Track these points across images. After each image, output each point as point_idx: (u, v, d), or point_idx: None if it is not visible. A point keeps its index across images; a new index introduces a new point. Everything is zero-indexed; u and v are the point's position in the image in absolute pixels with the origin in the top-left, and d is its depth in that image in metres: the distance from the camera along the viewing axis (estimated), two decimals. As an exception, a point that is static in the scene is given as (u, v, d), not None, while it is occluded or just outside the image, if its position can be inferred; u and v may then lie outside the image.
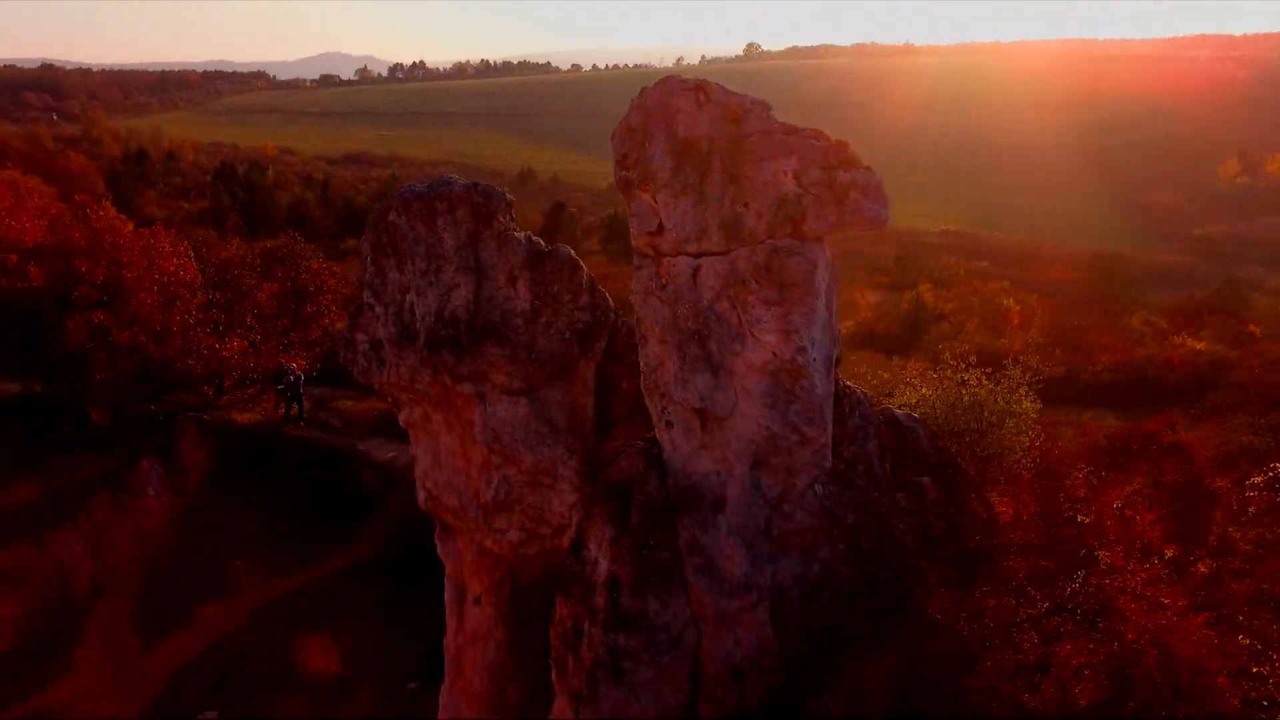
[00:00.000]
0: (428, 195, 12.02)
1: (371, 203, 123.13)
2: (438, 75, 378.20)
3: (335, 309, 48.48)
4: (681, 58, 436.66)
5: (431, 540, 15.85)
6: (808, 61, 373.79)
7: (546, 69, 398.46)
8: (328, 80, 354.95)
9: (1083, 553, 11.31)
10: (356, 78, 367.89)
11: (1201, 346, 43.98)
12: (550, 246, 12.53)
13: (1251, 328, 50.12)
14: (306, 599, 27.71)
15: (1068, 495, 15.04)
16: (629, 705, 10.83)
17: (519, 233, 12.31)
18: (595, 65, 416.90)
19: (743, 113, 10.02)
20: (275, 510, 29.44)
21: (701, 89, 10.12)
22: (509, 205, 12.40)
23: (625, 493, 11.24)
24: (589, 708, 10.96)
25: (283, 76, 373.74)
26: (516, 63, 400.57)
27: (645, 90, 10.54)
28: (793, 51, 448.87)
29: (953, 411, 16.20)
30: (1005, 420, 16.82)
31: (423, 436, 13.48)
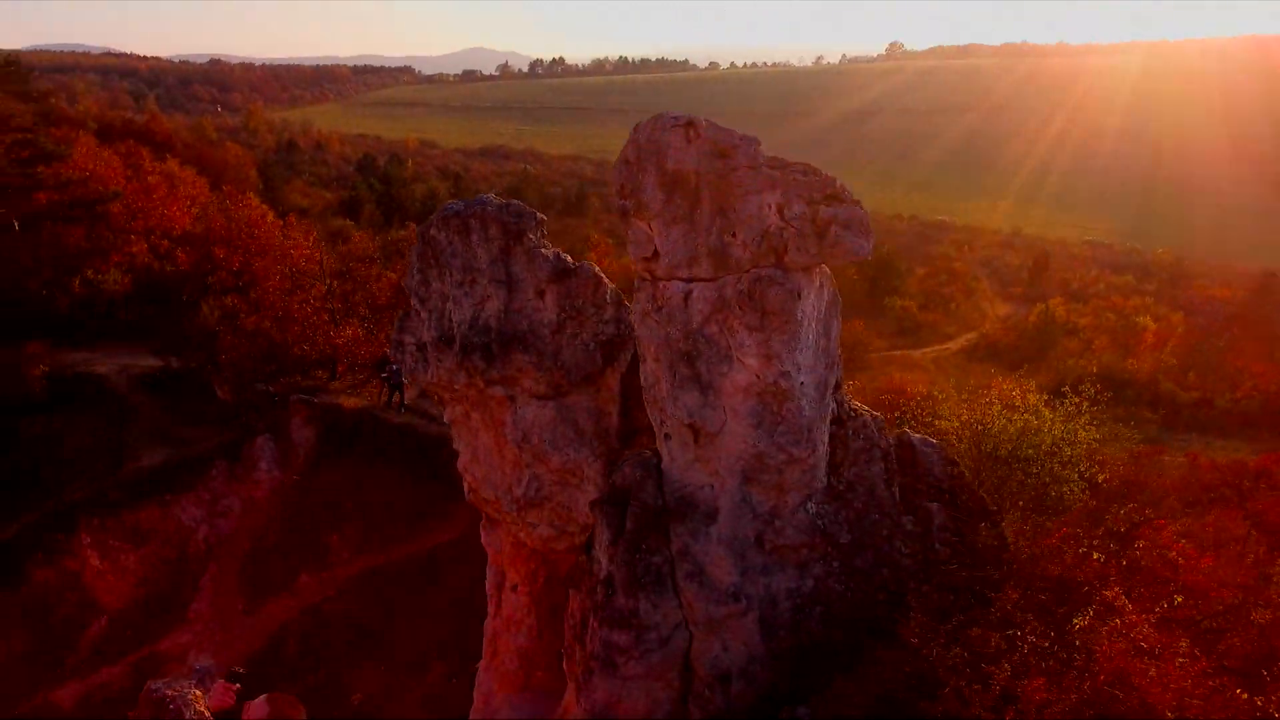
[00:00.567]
0: (464, 213, 13.02)
1: (502, 196, 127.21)
2: (576, 71, 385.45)
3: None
4: (821, 56, 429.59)
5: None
6: (952, 61, 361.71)
7: (684, 67, 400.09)
8: (470, 75, 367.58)
9: (1085, 590, 11.19)
10: (497, 73, 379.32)
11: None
12: (576, 263, 13.28)
13: None
14: (394, 576, 29.48)
15: (1107, 530, 14.70)
16: (620, 697, 11.55)
17: (547, 249, 13.13)
18: (733, 63, 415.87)
19: (730, 148, 10.52)
20: (372, 490, 31.34)
21: (692, 125, 10.66)
22: (540, 224, 13.23)
23: (624, 498, 11.94)
24: (585, 696, 11.75)
25: (428, 71, 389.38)
26: (654, 60, 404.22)
27: (638, 125, 11.17)
28: (937, 51, 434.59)
29: (999, 438, 16.00)
30: (1063, 449, 16.46)
31: (464, 433, 14.53)
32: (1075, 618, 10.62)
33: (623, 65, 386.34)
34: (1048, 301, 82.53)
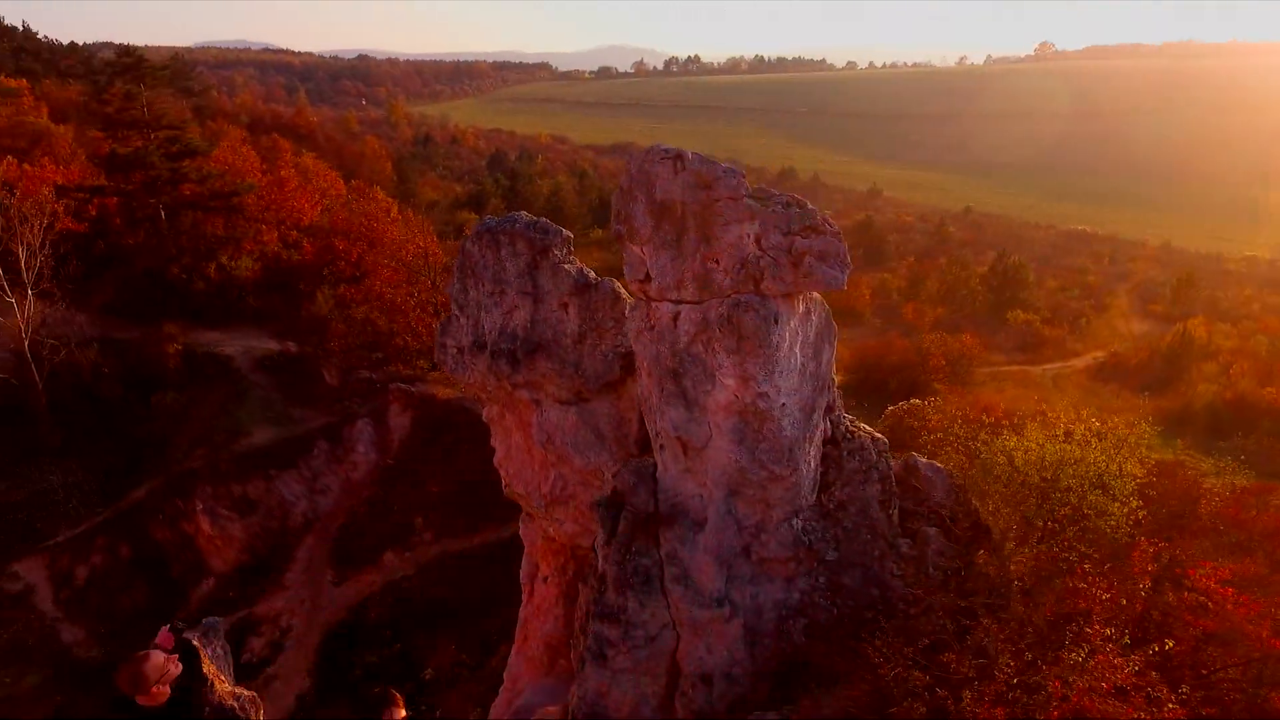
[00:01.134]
0: (495, 229, 13.93)
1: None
2: (711, 70, 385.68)
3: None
4: (965, 56, 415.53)
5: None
6: (1107, 61, 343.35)
7: (820, 66, 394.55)
8: (605, 72, 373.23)
9: (1071, 628, 11.07)
10: (632, 70, 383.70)
11: None
12: (597, 279, 13.95)
13: None
14: (471, 560, 30.94)
15: (1138, 567, 14.32)
16: (610, 688, 12.29)
17: (570, 265, 13.87)
18: (871, 63, 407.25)
19: (714, 180, 11.00)
20: (457, 478, 32.92)
21: (679, 158, 11.22)
22: (565, 240, 13.98)
23: (620, 501, 12.61)
24: (579, 685, 12.57)
25: (565, 68, 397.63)
26: (791, 59, 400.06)
27: (630, 156, 11.78)
28: (1092, 51, 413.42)
29: (1034, 465, 15.71)
30: (1110, 481, 15.99)
31: (499, 431, 15.49)
32: (1057, 651, 10.57)
33: (758, 64, 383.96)
34: (1186, 321, 77.82)
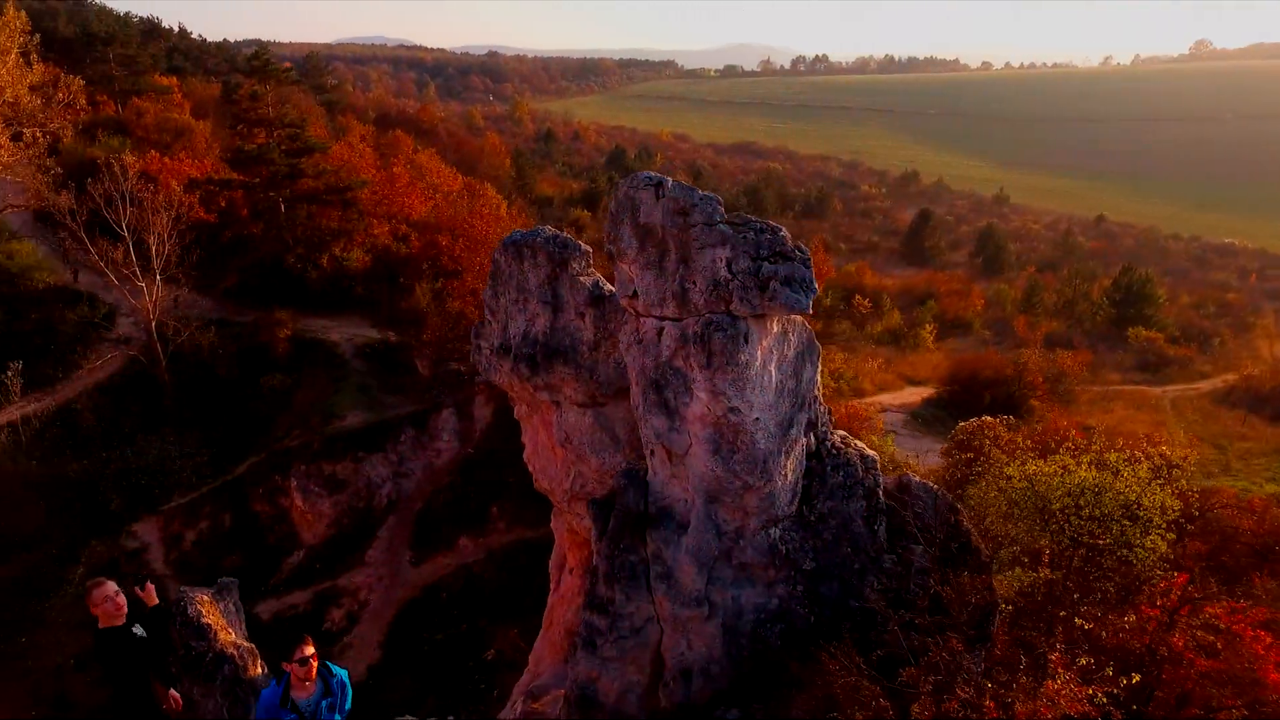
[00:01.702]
0: (520, 242, 14.85)
1: (739, 196, 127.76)
2: (839, 69, 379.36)
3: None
4: (1110, 56, 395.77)
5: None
6: (1273, 61, 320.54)
7: (953, 66, 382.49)
8: (730, 71, 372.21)
9: (1037, 652, 11.13)
10: (758, 69, 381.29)
11: None
12: (611, 291, 14.61)
13: None
14: (541, 550, 32.04)
15: (1146, 602, 14.08)
16: (599, 674, 13.14)
17: (587, 277, 14.61)
18: (1008, 63, 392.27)
19: (690, 206, 11.57)
20: (532, 468, 34.12)
21: (660, 185, 11.88)
22: (584, 254, 14.76)
23: (611, 501, 13.35)
24: (572, 668, 13.47)
25: (690, 66, 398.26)
26: (922, 59, 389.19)
27: (619, 183, 12.41)
28: (1257, 49, 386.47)
29: (1054, 491, 15.53)
30: (1140, 513, 15.63)
31: (527, 428, 16.44)
32: (1016, 675, 10.64)
33: (888, 64, 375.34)
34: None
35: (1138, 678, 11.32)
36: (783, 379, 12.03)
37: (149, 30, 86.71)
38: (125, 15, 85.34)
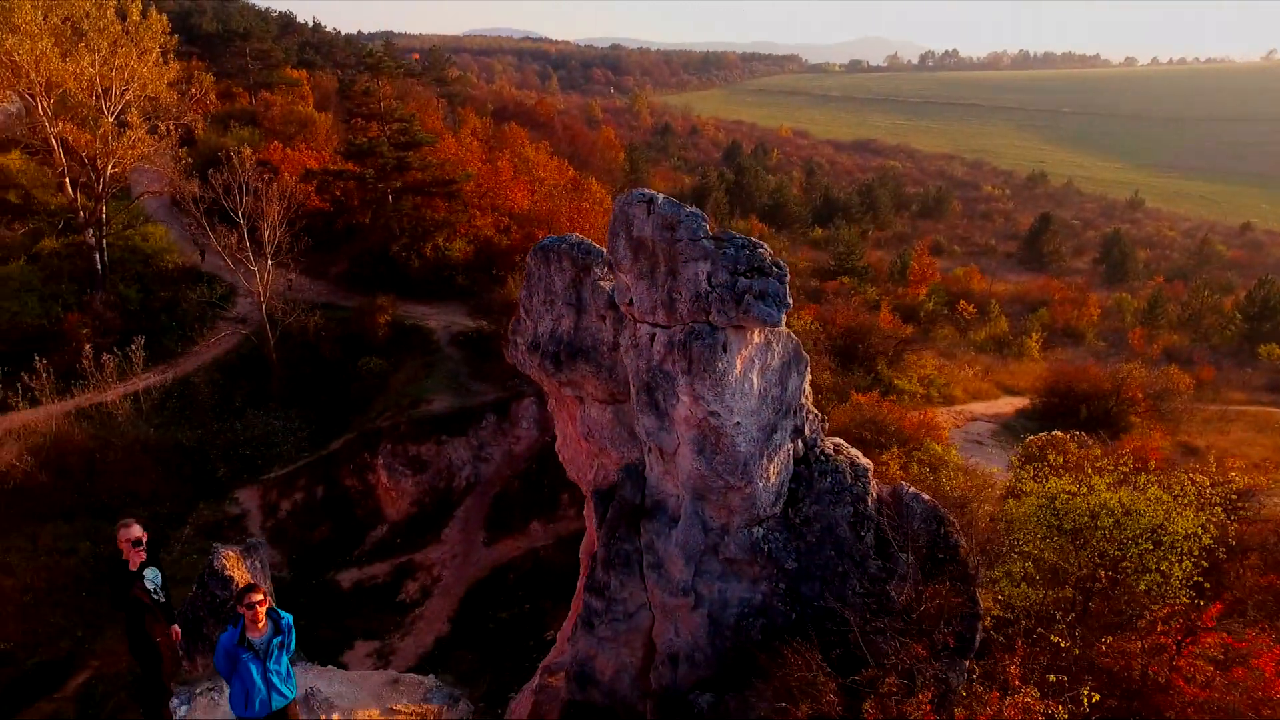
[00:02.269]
0: (547, 247, 15.81)
1: (852, 195, 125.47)
2: (970, 65, 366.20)
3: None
4: (1275, 50, 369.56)
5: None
6: None
7: (1093, 62, 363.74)
8: (855, 65, 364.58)
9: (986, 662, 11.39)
10: (885, 64, 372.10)
11: None
12: (628, 296, 15.36)
13: None
14: (606, 538, 33.15)
15: (1147, 628, 13.91)
16: (595, 653, 14.10)
17: (607, 282, 15.35)
18: (1154, 59, 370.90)
19: (677, 222, 12.22)
20: (604, 459, 35.17)
21: (650, 202, 12.55)
22: (606, 260, 15.45)
23: (611, 493, 14.13)
24: (572, 646, 14.40)
25: (815, 60, 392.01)
26: (1059, 54, 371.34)
27: (615, 199, 13.08)
28: None
29: (1071, 512, 15.42)
30: (1164, 538, 15.34)
31: (558, 421, 17.42)
32: (973, 684, 10.89)
33: (1022, 60, 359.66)
34: None
35: (1097, 696, 11.39)
36: (766, 387, 12.60)
37: (285, 25, 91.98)
38: (265, 11, 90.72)
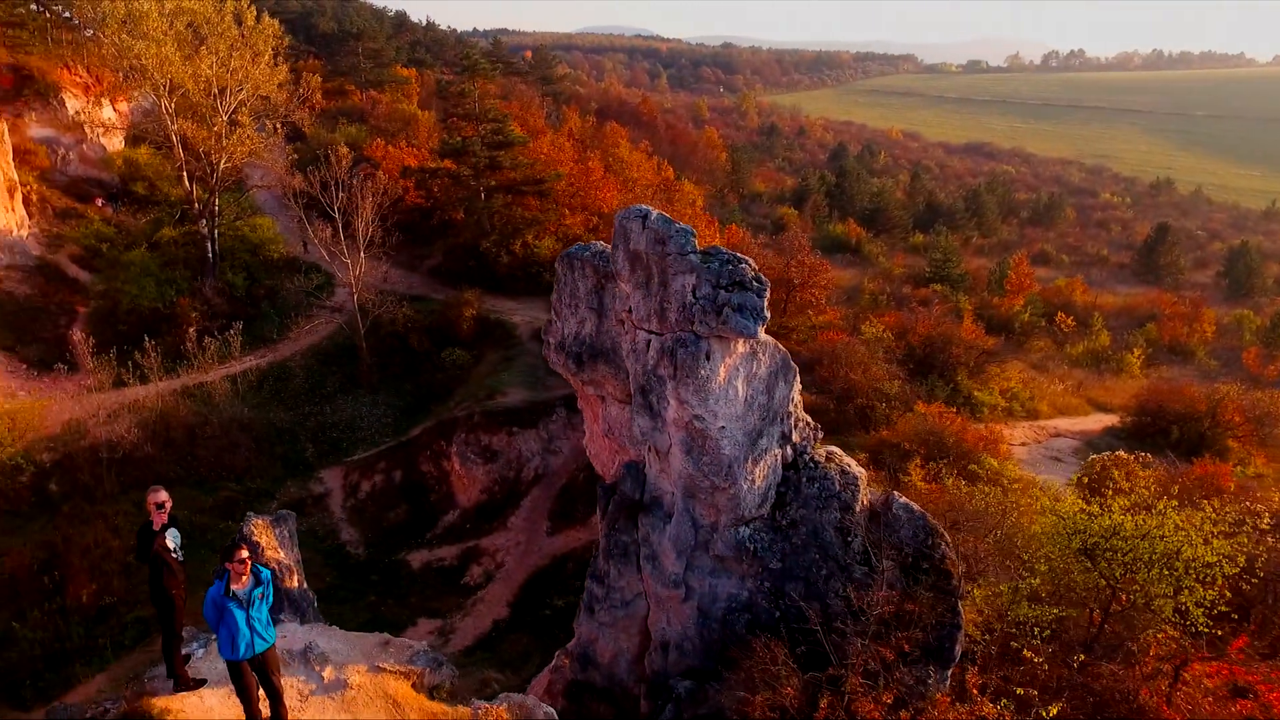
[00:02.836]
0: (573, 256, 16.79)
1: (958, 201, 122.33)
2: (1097, 65, 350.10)
3: (822, 303, 52.95)
4: None
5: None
6: None
7: (1235, 61, 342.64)
8: (973, 66, 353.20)
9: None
10: (1005, 65, 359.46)
11: None
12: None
13: None
14: (664, 534, 33.90)
15: (1140, 654, 13.83)
16: (596, 637, 15.01)
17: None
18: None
19: (667, 237, 12.87)
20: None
21: (645, 217, 13.24)
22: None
23: (613, 488, 14.91)
24: (576, 629, 15.35)
25: (931, 60, 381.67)
26: (1197, 54, 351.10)
27: (616, 213, 13.74)
28: None
29: (1083, 532, 15.33)
30: (1172, 562, 15.08)
31: (585, 417, 18.41)
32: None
33: (1154, 60, 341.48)
34: None
35: (1055, 709, 11.53)
36: (752, 394, 13.19)
37: (398, 24, 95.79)
38: (381, 11, 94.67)
